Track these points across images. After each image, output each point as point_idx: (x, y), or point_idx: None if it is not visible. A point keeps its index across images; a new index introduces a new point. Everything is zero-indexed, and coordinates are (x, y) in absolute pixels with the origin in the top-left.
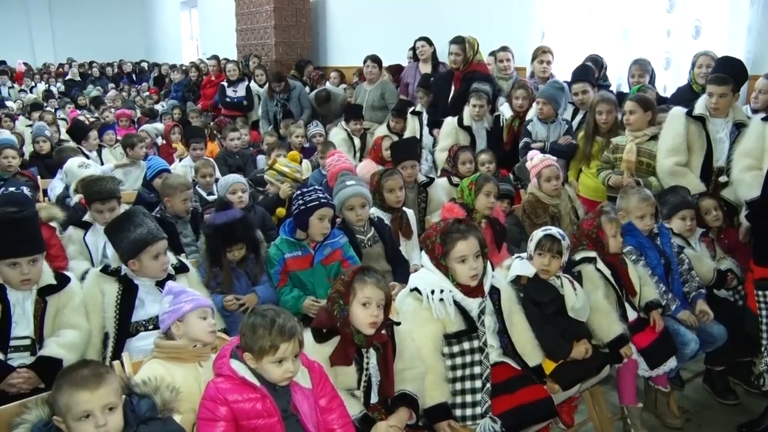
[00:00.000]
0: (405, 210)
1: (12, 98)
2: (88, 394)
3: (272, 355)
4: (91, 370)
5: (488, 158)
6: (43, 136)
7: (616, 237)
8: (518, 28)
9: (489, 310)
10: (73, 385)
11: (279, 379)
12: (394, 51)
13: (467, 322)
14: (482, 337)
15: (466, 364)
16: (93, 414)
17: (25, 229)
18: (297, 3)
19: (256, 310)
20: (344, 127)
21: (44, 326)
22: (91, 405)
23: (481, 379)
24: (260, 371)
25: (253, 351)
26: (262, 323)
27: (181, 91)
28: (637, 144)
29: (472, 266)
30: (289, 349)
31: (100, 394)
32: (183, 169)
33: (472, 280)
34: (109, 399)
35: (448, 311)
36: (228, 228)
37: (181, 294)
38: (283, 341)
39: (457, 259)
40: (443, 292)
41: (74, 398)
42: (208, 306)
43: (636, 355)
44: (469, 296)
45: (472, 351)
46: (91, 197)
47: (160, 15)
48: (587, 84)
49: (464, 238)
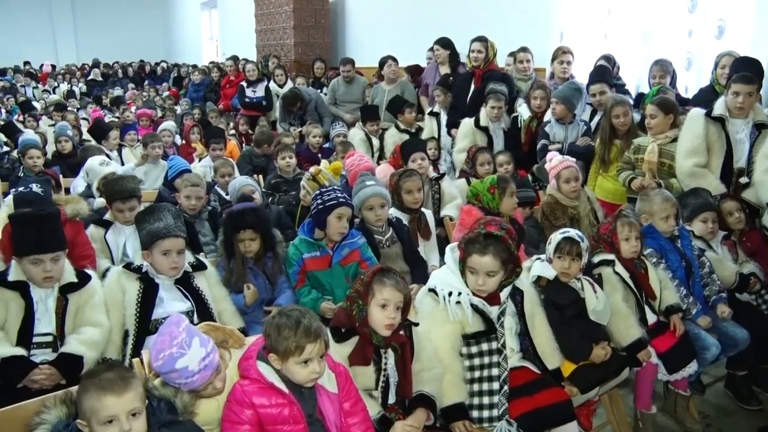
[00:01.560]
0: (423, 211)
1: (36, 98)
2: (114, 399)
3: (298, 356)
4: (117, 373)
5: (506, 159)
6: (65, 136)
7: (629, 241)
8: (537, 28)
9: (510, 311)
10: (99, 389)
11: (305, 380)
12: (412, 52)
13: (486, 324)
14: (501, 339)
15: (484, 365)
16: (118, 419)
17: (47, 226)
18: (316, 3)
19: (282, 310)
20: (362, 127)
21: (65, 323)
22: (117, 410)
23: (499, 381)
24: (286, 372)
25: (278, 352)
26: (287, 324)
27: (201, 92)
28: (659, 145)
29: (478, 282)
30: (315, 350)
31: (126, 399)
32: (202, 170)
33: (479, 293)
34: (134, 404)
35: (465, 314)
36: (239, 213)
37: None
38: (309, 342)
39: (470, 268)
40: (460, 294)
41: (100, 402)
42: (205, 380)
43: (655, 359)
44: (488, 303)
45: (491, 352)
46: (111, 196)
47: (180, 16)
48: (605, 84)
49: (481, 254)
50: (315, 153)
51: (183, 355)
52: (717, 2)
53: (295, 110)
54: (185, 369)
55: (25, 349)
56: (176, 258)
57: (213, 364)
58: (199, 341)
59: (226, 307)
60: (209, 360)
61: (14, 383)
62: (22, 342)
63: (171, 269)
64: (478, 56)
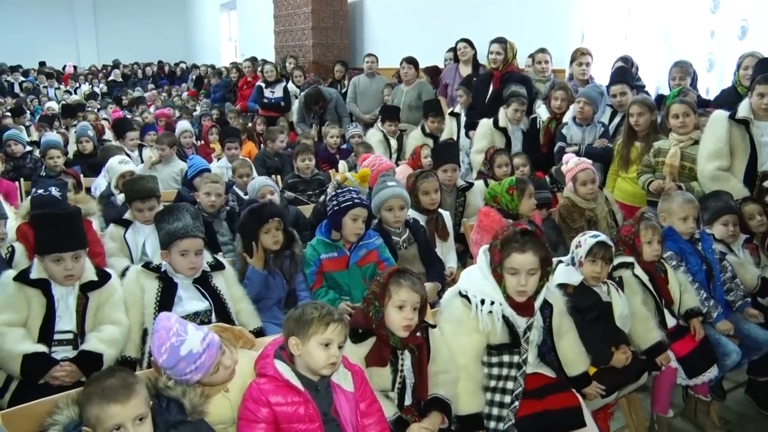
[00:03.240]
0: (441, 212)
1: (57, 99)
2: (119, 407)
3: (321, 335)
4: (120, 380)
5: (522, 161)
6: (86, 136)
7: (651, 244)
8: (558, 29)
9: (537, 324)
10: (103, 398)
11: (323, 364)
12: (431, 53)
13: (512, 337)
14: (524, 354)
15: (502, 376)
16: (124, 426)
17: (68, 225)
18: (335, 5)
19: (299, 305)
20: (380, 128)
21: (86, 321)
22: (123, 418)
23: (512, 395)
24: (305, 358)
25: (300, 334)
26: (312, 308)
27: (220, 92)
28: (681, 148)
29: (521, 282)
30: (337, 331)
31: (131, 406)
32: (219, 170)
33: (519, 296)
34: (139, 410)
35: (495, 326)
36: (261, 207)
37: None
38: (333, 321)
39: (508, 269)
40: (493, 304)
41: (105, 411)
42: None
43: (675, 363)
44: (519, 314)
45: (510, 365)
46: (131, 196)
47: (199, 17)
48: (625, 85)
49: (521, 251)
50: (333, 153)
51: (183, 341)
52: (740, 2)
53: (316, 109)
54: (190, 353)
55: (46, 346)
56: (194, 258)
57: (215, 341)
58: (193, 326)
59: (243, 307)
60: (210, 338)
61: (36, 379)
62: (43, 339)
63: (189, 269)
64: (497, 57)
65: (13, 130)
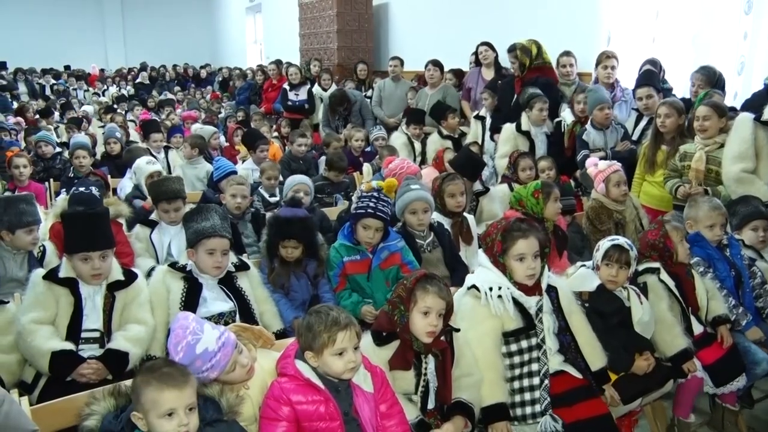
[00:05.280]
0: (465, 215)
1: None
2: (176, 392)
3: (332, 347)
4: (177, 369)
5: (548, 165)
6: (114, 138)
7: (683, 243)
8: (583, 32)
9: (548, 308)
10: (161, 383)
11: (343, 370)
12: (455, 56)
13: (525, 320)
14: (540, 334)
15: (524, 362)
16: (177, 413)
17: (97, 225)
18: (359, 8)
19: (310, 310)
20: (405, 131)
21: (112, 320)
22: (177, 404)
23: (539, 375)
24: (323, 368)
25: (313, 348)
26: (316, 320)
27: (245, 94)
28: (707, 152)
29: (529, 265)
30: (347, 338)
31: (186, 394)
32: (245, 172)
33: (529, 279)
34: (192, 399)
35: (507, 307)
36: (286, 222)
37: (196, 361)
38: (340, 330)
39: (515, 257)
40: (501, 288)
41: (163, 395)
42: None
43: (701, 371)
44: (527, 294)
45: (530, 348)
46: (157, 197)
47: (225, 20)
48: (652, 88)
49: (525, 237)
50: (357, 157)
51: (199, 340)
52: None
53: (341, 110)
54: (206, 351)
55: (74, 344)
56: (220, 258)
57: (230, 340)
58: (210, 325)
59: (267, 309)
60: (225, 337)
61: (64, 376)
62: (70, 337)
63: (214, 268)
64: (513, 66)
65: (44, 132)
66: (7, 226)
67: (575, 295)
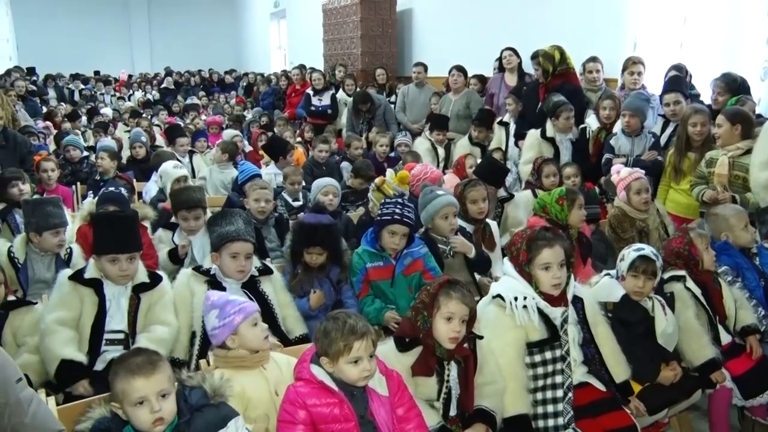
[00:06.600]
0: (488, 222)
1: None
2: (143, 381)
3: (347, 355)
4: (145, 357)
5: (573, 171)
6: (139, 142)
7: (708, 250)
8: (609, 37)
9: (573, 319)
10: (128, 372)
11: (357, 378)
12: (480, 61)
13: (550, 331)
14: (564, 346)
15: (548, 373)
16: (148, 400)
17: (125, 227)
18: (383, 13)
19: (328, 315)
20: (428, 137)
21: (137, 322)
22: (146, 391)
23: (563, 388)
24: (338, 374)
25: (328, 354)
26: (334, 326)
27: (268, 100)
28: (732, 158)
29: (555, 275)
30: (363, 347)
31: (155, 381)
32: (268, 177)
33: (554, 289)
34: (162, 385)
35: (532, 318)
36: (311, 229)
37: (227, 305)
38: (356, 339)
39: (541, 266)
40: (526, 299)
41: (130, 384)
42: (256, 311)
43: (730, 382)
44: (552, 305)
45: (554, 360)
46: (178, 206)
47: (249, 26)
48: (679, 94)
49: (550, 246)
50: (381, 162)
51: (229, 295)
52: None
53: (364, 111)
54: (235, 300)
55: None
56: (244, 262)
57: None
58: None
59: (289, 313)
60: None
61: (66, 385)
62: (93, 338)
63: (238, 272)
64: (536, 73)
65: (72, 136)
66: (34, 228)
67: (600, 305)
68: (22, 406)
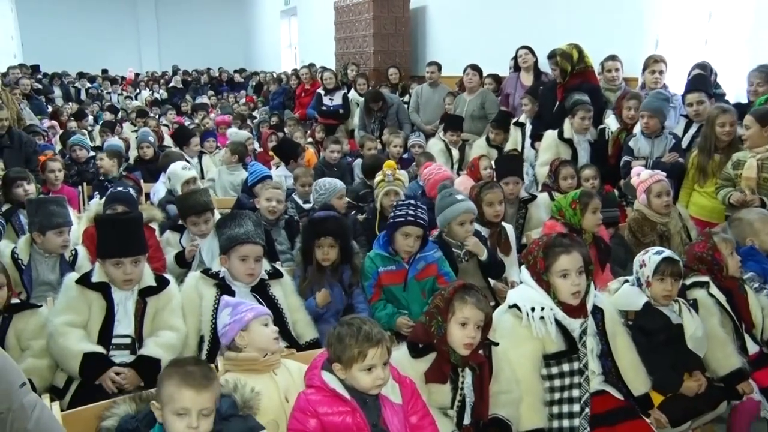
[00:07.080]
0: (504, 225)
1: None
2: (193, 394)
3: (361, 362)
4: (202, 370)
5: (592, 173)
6: (147, 142)
7: (733, 255)
8: (630, 35)
9: (591, 331)
10: (182, 380)
11: (370, 386)
12: (495, 60)
13: (568, 343)
14: (583, 359)
15: (565, 386)
16: (190, 414)
17: (129, 230)
18: (396, 12)
19: (342, 320)
20: (442, 137)
21: (144, 326)
22: (192, 404)
23: (580, 403)
24: (351, 381)
25: (341, 360)
26: (348, 332)
27: (279, 99)
28: (760, 159)
29: (574, 282)
30: (377, 355)
31: (203, 398)
32: (278, 178)
33: (574, 298)
34: (208, 404)
35: (549, 330)
36: (320, 220)
37: (240, 305)
38: (371, 347)
39: (558, 273)
40: (544, 309)
41: (180, 393)
42: (268, 314)
43: (758, 394)
44: (571, 316)
45: (572, 373)
46: (186, 212)
47: (259, 24)
48: (703, 94)
49: (567, 252)
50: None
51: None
52: None
53: (376, 110)
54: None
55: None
56: (253, 264)
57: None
58: None
59: (300, 317)
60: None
61: (93, 379)
62: (101, 343)
63: (247, 275)
64: (554, 73)
65: (78, 136)
66: (37, 228)
67: (620, 314)
68: (25, 412)
